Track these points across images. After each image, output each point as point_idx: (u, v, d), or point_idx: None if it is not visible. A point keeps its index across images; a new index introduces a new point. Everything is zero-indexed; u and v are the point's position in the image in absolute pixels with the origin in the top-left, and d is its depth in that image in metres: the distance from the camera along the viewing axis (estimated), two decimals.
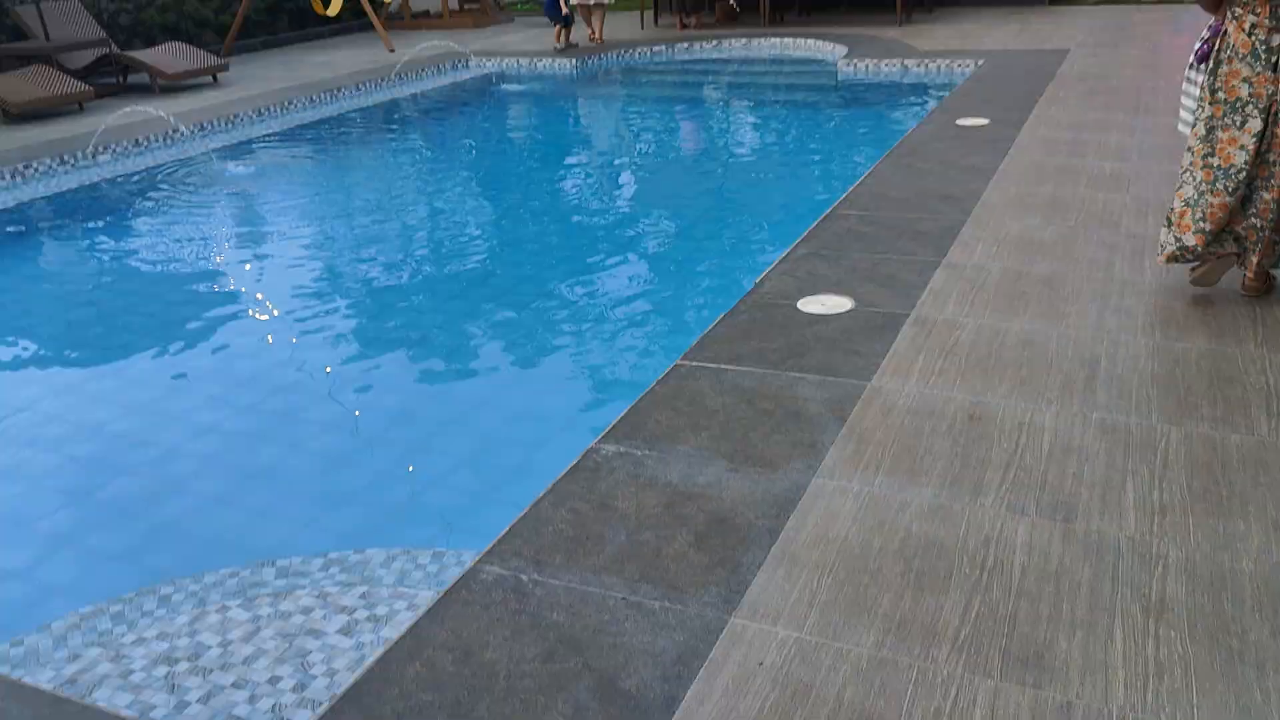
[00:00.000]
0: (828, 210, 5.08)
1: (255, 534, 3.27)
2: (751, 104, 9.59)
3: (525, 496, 2.78)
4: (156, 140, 8.39)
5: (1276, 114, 3.43)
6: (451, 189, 7.40)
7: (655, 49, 11.61)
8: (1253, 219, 3.62)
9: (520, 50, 11.89)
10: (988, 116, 6.86)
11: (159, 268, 5.88)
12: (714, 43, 11.73)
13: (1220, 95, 3.53)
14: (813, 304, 3.96)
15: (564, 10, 11.42)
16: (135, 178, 7.67)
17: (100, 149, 8.00)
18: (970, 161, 5.78)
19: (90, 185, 7.50)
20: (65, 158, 7.79)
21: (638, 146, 8.35)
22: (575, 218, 6.55)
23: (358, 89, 10.20)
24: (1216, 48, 3.56)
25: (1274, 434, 2.89)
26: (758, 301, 4.02)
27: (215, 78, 10.83)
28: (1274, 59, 3.38)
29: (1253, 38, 3.40)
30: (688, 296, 5.09)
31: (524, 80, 10.95)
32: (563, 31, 11.57)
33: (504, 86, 10.74)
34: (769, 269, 4.36)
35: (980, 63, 9.06)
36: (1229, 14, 3.49)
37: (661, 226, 6.24)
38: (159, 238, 6.36)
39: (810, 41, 11.19)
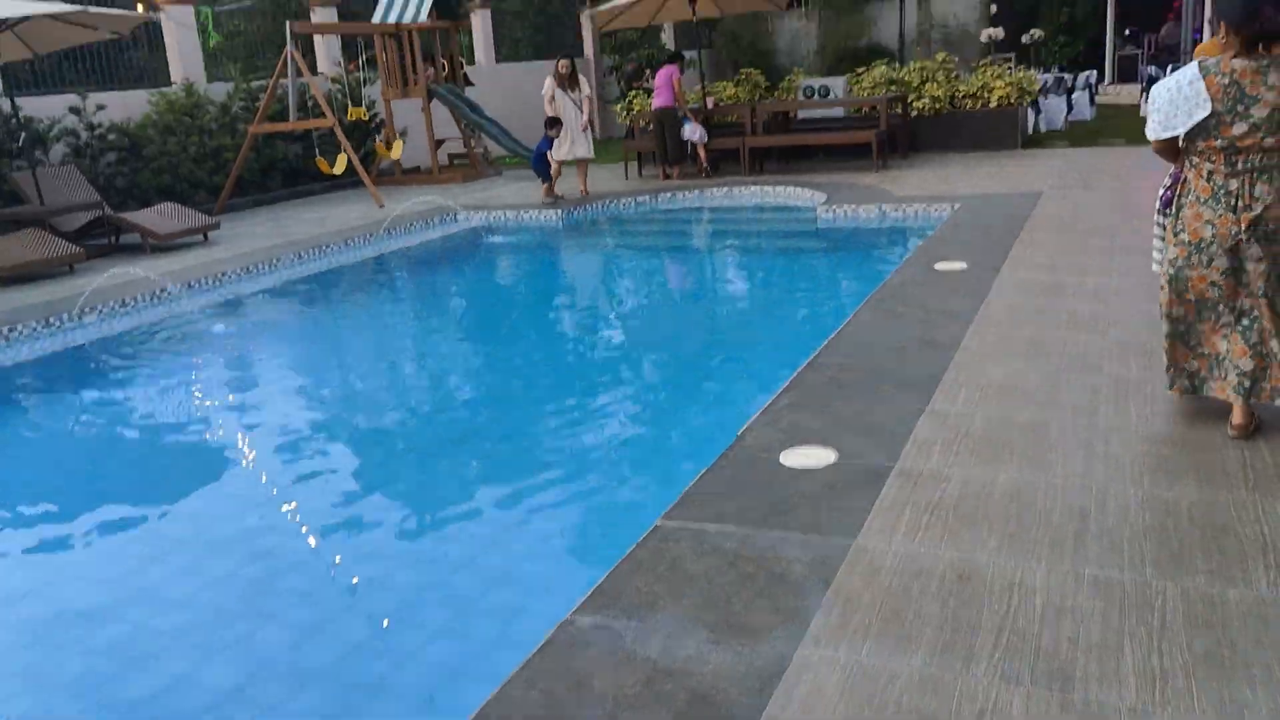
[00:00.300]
0: (809, 359, 5.07)
1: (221, 718, 3.10)
2: (733, 251, 9.77)
3: (503, 669, 2.65)
4: (144, 300, 8.46)
5: (1240, 252, 3.64)
6: (435, 345, 7.42)
7: (639, 198, 11.89)
8: (1258, 348, 3.72)
9: (508, 203, 12.17)
10: (965, 260, 6.96)
11: (135, 431, 5.82)
12: (696, 191, 12.03)
13: (1184, 237, 3.76)
14: (796, 457, 3.90)
15: (552, 165, 11.75)
16: (120, 338, 7.69)
17: (87, 310, 8.05)
18: (950, 306, 5.83)
19: (75, 347, 7.51)
20: (51, 319, 7.83)
21: (621, 297, 8.44)
22: (558, 371, 6.55)
23: (346, 245, 10.37)
24: (1178, 193, 3.81)
25: (1273, 588, 2.79)
26: (740, 455, 3.96)
27: (206, 236, 11.02)
28: (1233, 201, 3.61)
29: (1211, 183, 3.65)
30: (671, 450, 5.03)
31: (511, 232, 11.16)
32: (549, 185, 11.89)
33: (492, 239, 10.94)
34: (751, 420, 4.32)
35: (956, 206, 9.27)
36: (1188, 162, 3.75)
37: (644, 377, 6.23)
38: (137, 400, 6.32)
39: (790, 189, 11.48)
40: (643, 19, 14.81)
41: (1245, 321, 3.73)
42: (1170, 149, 3.77)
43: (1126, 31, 22.37)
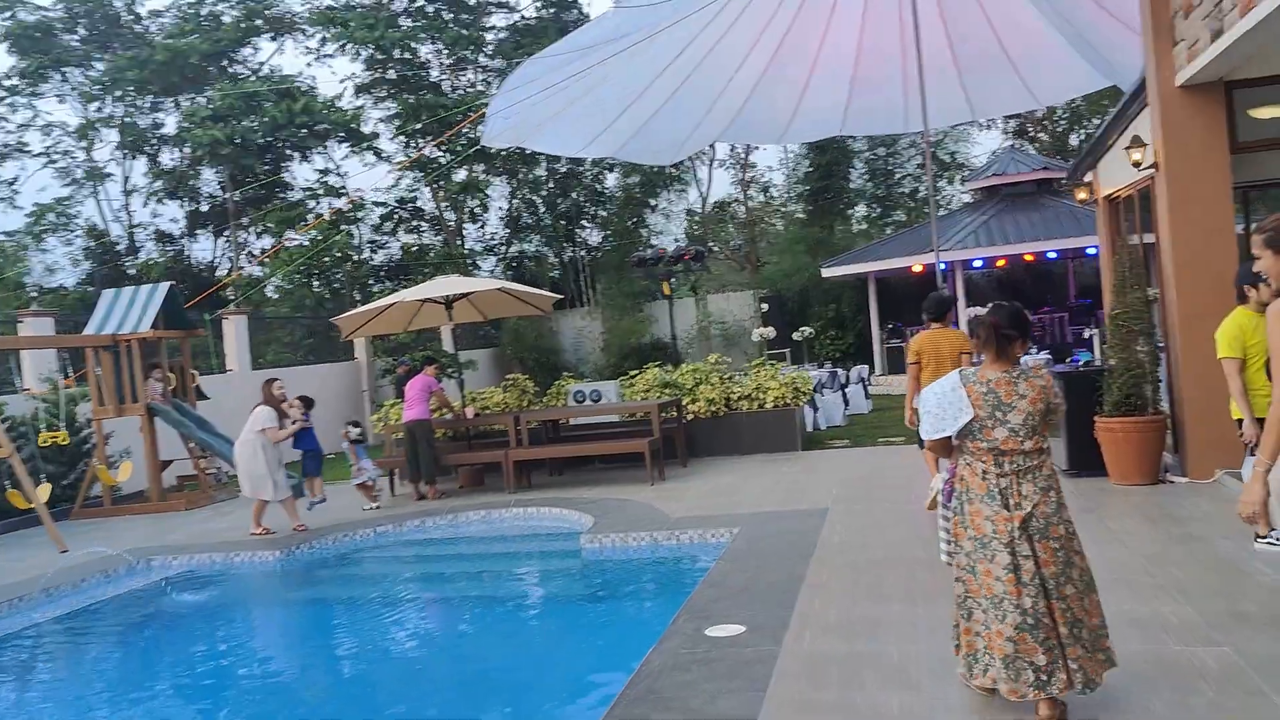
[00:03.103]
0: None
1: None
2: (477, 598, 8.09)
3: None
4: None
5: (1016, 548, 3.78)
6: None
7: (380, 528, 10.18)
8: (1046, 643, 3.74)
9: (223, 539, 10.18)
10: (743, 620, 5.60)
11: None
12: (449, 517, 10.45)
13: (970, 532, 3.92)
14: None
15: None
16: None
17: None
18: (720, 709, 4.35)
19: None
20: None
21: (336, 658, 6.57)
22: None
23: None
24: (956, 489, 4.01)
25: None
26: None
27: None
28: (1006, 499, 3.83)
29: (986, 480, 3.88)
30: None
31: (209, 584, 9.06)
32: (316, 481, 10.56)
33: (182, 597, 8.78)
34: None
35: (735, 532, 8.07)
36: (962, 460, 3.96)
37: None
38: None
39: (555, 511, 10.09)
40: (397, 326, 13.72)
41: (1029, 619, 3.74)
42: (943, 447, 4.01)
43: (890, 325, 23.26)
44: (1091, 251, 21.35)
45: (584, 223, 33.00)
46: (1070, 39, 13.35)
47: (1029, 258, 22.26)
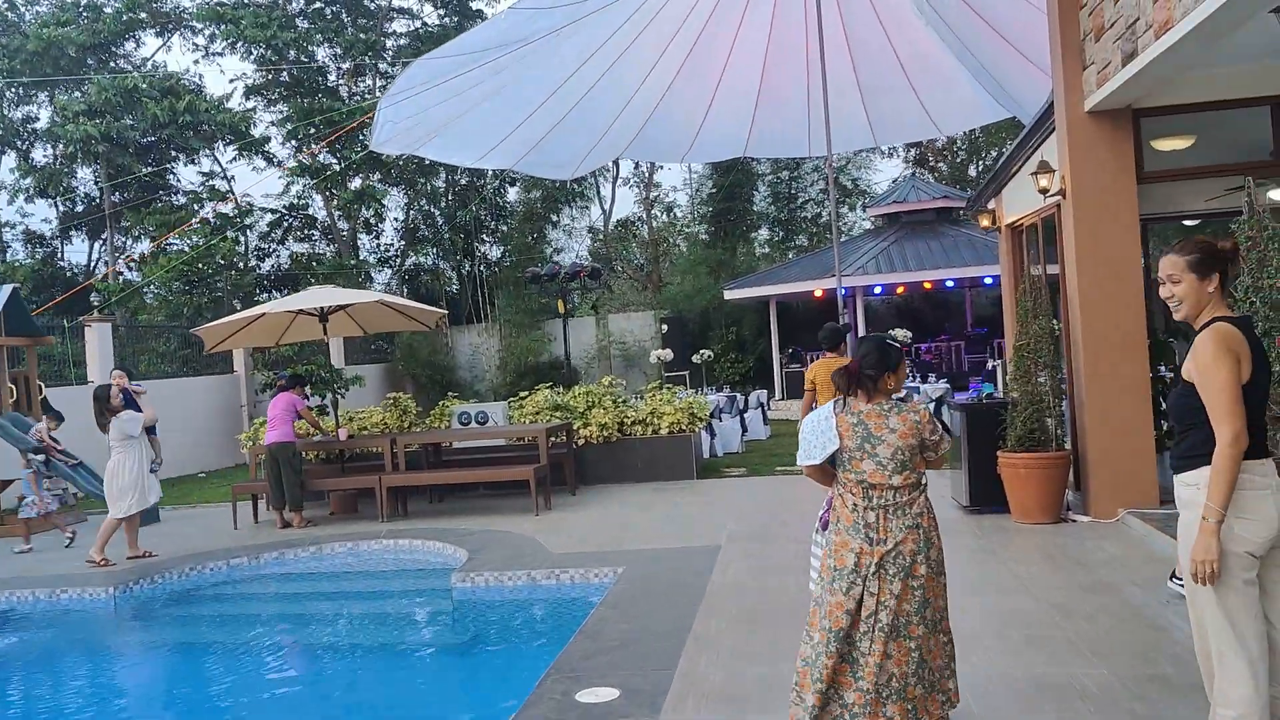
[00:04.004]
0: None
1: None
2: (330, 647, 7.25)
3: None
4: None
5: (868, 583, 3.68)
6: None
7: (234, 560, 9.24)
8: (861, 683, 3.65)
9: (54, 571, 9.11)
10: (618, 681, 4.95)
11: None
12: (313, 549, 9.57)
13: (830, 562, 3.82)
14: None
15: None
16: None
17: None
18: None
19: None
20: None
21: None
22: None
23: None
24: (830, 518, 3.94)
25: None
26: None
27: None
28: (870, 534, 3.73)
29: (855, 513, 3.80)
30: None
31: (27, 626, 8.06)
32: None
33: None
34: None
35: (619, 572, 7.44)
36: (835, 490, 3.91)
37: None
38: None
39: (429, 544, 9.31)
40: (269, 339, 12.75)
41: (861, 661, 3.67)
42: (820, 474, 3.96)
43: (790, 350, 23.03)
44: (989, 281, 21.48)
45: (483, 236, 32.18)
46: (973, 70, 13.23)
47: (928, 285, 22.32)
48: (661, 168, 33.95)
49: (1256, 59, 7.37)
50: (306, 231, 30.61)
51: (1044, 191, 8.54)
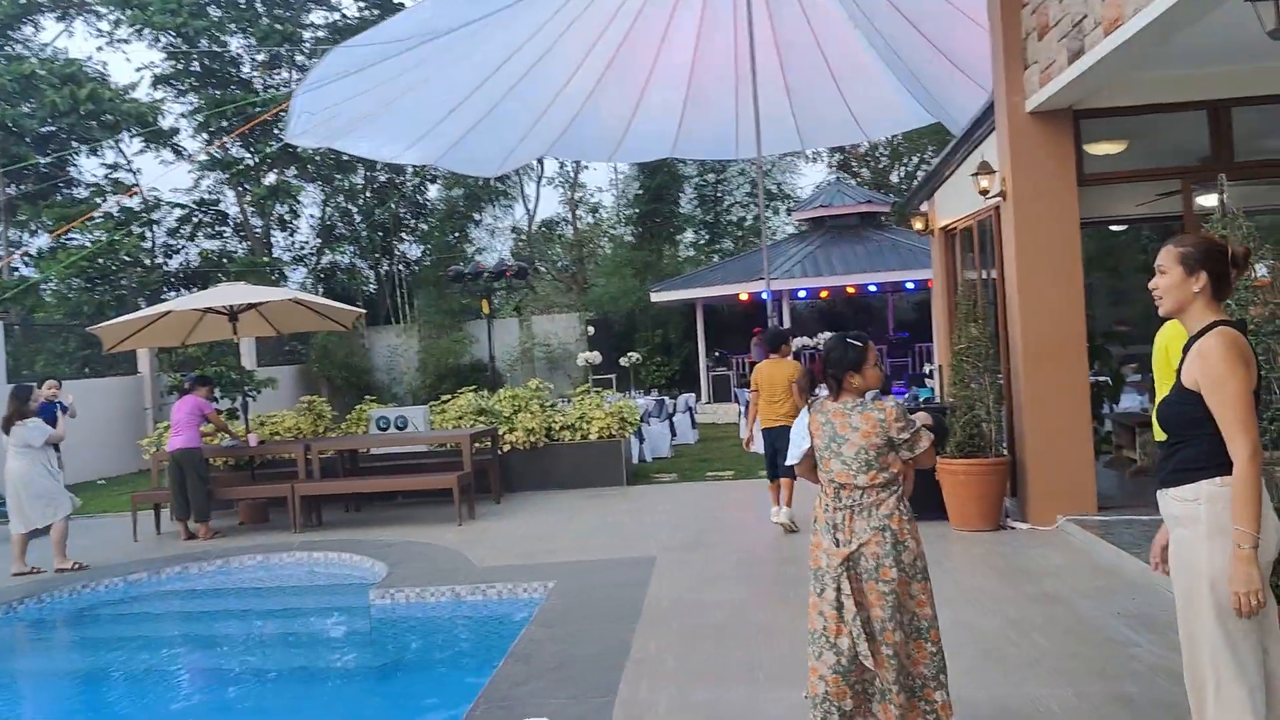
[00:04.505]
0: None
1: None
2: (232, 673, 6.67)
3: None
4: None
5: (840, 584, 3.62)
6: None
7: (132, 575, 8.60)
8: (855, 687, 3.60)
9: None
10: (554, 711, 4.57)
11: None
12: (219, 562, 8.96)
13: (809, 562, 3.81)
14: None
15: None
16: None
17: None
18: None
19: None
20: None
21: None
22: None
23: None
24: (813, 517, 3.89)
25: None
26: None
27: None
28: (836, 536, 3.70)
29: (826, 513, 3.78)
30: None
31: None
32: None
33: None
34: None
35: (550, 585, 7.04)
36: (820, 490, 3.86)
37: None
38: None
39: (344, 557, 8.79)
40: (174, 338, 12.05)
41: (844, 661, 3.59)
42: (809, 472, 3.90)
43: (717, 353, 22.84)
44: (911, 285, 21.57)
45: (403, 235, 31.39)
46: (901, 76, 13.16)
47: (851, 290, 22.33)
48: (587, 168, 33.57)
49: (1197, 64, 7.32)
50: (218, 228, 29.47)
51: (984, 193, 8.41)
